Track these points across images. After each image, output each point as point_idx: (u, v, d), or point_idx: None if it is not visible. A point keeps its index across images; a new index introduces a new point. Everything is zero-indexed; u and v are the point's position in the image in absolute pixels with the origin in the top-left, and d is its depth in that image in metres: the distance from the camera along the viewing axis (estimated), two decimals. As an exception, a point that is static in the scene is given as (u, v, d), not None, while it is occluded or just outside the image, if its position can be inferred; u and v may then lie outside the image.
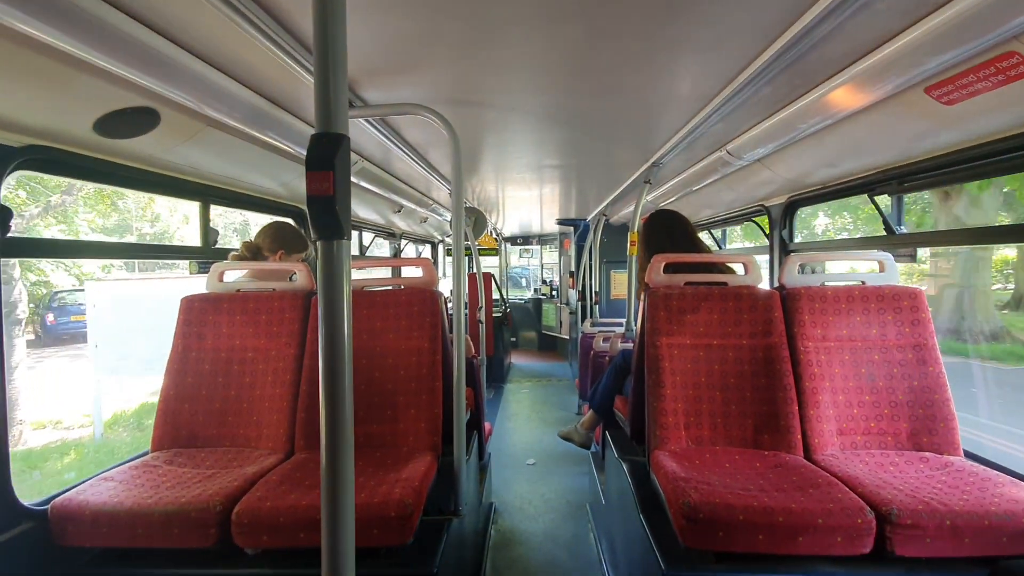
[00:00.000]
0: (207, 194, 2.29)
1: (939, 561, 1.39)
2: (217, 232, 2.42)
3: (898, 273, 2.03)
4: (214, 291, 2.12)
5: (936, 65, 1.30)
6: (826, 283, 2.04)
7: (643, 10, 1.25)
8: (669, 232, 2.42)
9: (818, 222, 11.84)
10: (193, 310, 2.06)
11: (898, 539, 1.35)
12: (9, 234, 1.44)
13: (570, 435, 3.13)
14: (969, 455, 1.78)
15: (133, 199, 12.44)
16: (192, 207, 2.66)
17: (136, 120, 1.55)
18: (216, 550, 1.47)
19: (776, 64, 1.45)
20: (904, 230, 2.24)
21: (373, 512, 1.43)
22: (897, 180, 2.07)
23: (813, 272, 2.51)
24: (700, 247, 2.40)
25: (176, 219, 14.98)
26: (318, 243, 0.79)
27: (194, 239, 2.42)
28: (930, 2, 1.14)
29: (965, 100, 1.41)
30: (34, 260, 9.21)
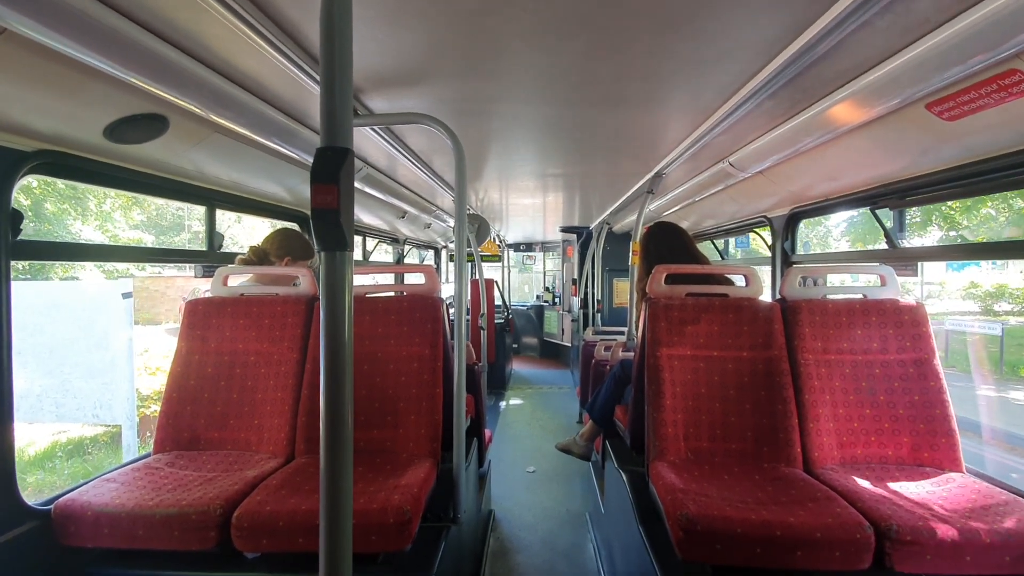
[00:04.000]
0: (213, 198, 2.32)
1: None
2: (222, 236, 2.45)
3: (899, 287, 2.03)
4: (218, 295, 2.14)
5: (937, 82, 1.31)
6: (827, 296, 2.05)
7: (645, 26, 1.27)
8: (669, 244, 2.43)
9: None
10: (197, 313, 2.08)
11: (897, 555, 1.34)
12: (19, 237, 1.46)
13: (569, 447, 3.11)
14: (971, 471, 1.77)
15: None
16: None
17: (146, 126, 1.57)
18: (216, 553, 1.47)
19: (778, 79, 1.47)
20: (906, 244, 2.24)
21: (372, 518, 1.44)
22: (899, 194, 2.07)
23: (815, 284, 2.51)
24: (699, 259, 2.42)
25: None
26: (321, 254, 0.80)
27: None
28: (932, 20, 1.15)
29: (966, 116, 1.42)
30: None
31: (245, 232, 15.32)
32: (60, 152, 1.55)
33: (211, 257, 2.38)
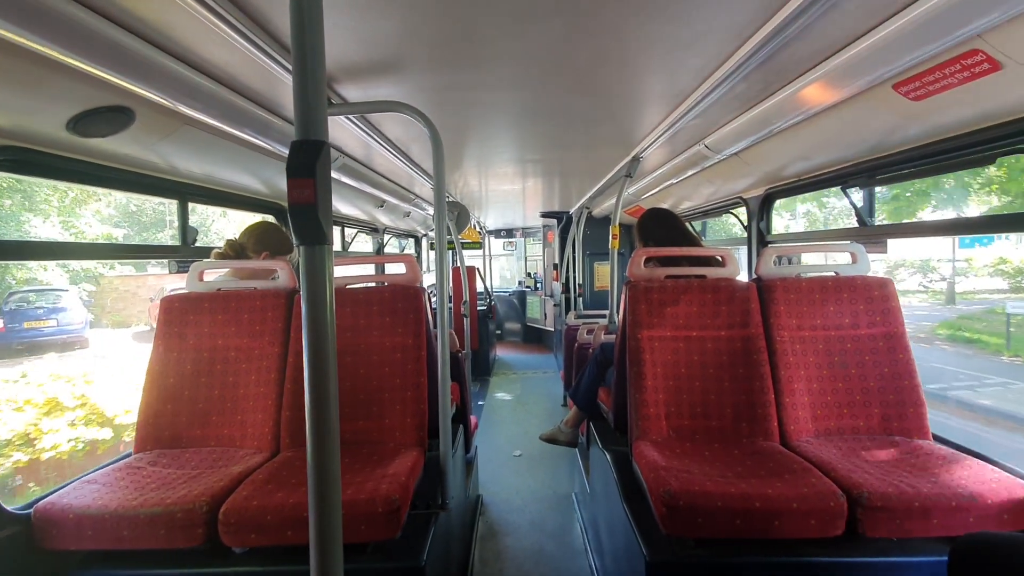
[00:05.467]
0: (185, 192, 2.26)
1: (909, 541, 1.45)
2: (196, 230, 2.39)
3: (870, 264, 2.09)
4: (194, 291, 2.10)
5: (904, 62, 1.34)
6: (801, 274, 2.10)
7: (619, 9, 1.27)
8: (667, 229, 2.45)
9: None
10: (173, 310, 2.04)
11: (869, 521, 1.40)
12: None
13: (555, 436, 3.10)
14: (937, 438, 1.85)
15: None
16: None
17: (110, 119, 1.52)
18: (203, 549, 1.47)
19: (751, 62, 1.48)
20: (876, 222, 2.30)
21: (360, 508, 1.45)
22: (868, 173, 2.12)
23: (790, 263, 2.57)
24: (695, 241, 2.45)
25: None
26: (300, 248, 0.79)
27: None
28: (898, 2, 1.17)
29: (932, 96, 1.45)
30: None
31: (232, 226, 15.07)
32: (22, 148, 1.49)
33: (185, 252, 2.33)
